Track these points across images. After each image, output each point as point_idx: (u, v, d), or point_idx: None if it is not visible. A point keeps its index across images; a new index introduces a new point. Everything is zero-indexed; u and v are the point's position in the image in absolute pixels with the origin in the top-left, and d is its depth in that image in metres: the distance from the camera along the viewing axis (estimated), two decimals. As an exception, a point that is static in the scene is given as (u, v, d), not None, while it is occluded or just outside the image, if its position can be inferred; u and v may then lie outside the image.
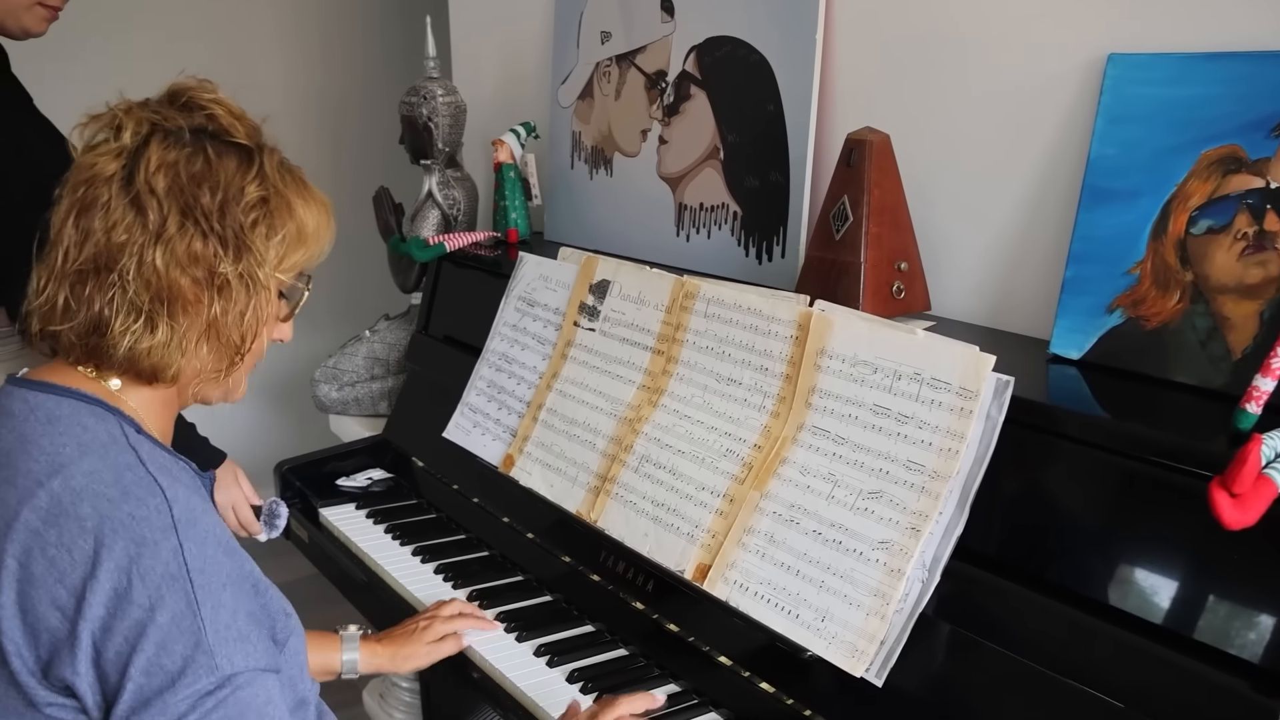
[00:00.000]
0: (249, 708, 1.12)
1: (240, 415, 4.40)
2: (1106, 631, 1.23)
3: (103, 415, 1.19)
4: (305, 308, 1.39)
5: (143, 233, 1.17)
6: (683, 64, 2.12)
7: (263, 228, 1.22)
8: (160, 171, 1.18)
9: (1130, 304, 1.46)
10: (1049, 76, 1.60)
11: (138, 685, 1.07)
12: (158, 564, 1.09)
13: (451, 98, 2.52)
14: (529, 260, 2.09)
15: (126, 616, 1.08)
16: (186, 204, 1.18)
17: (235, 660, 1.11)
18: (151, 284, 1.17)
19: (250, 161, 1.23)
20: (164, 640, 1.08)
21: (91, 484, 1.12)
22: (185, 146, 1.20)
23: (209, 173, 1.20)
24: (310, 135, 4.36)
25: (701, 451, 1.64)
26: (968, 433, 1.36)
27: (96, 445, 1.15)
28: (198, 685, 1.08)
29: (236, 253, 1.20)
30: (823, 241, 1.70)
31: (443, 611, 1.74)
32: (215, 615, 1.10)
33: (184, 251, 1.18)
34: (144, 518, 1.11)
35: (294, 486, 2.29)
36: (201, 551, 1.12)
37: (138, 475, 1.14)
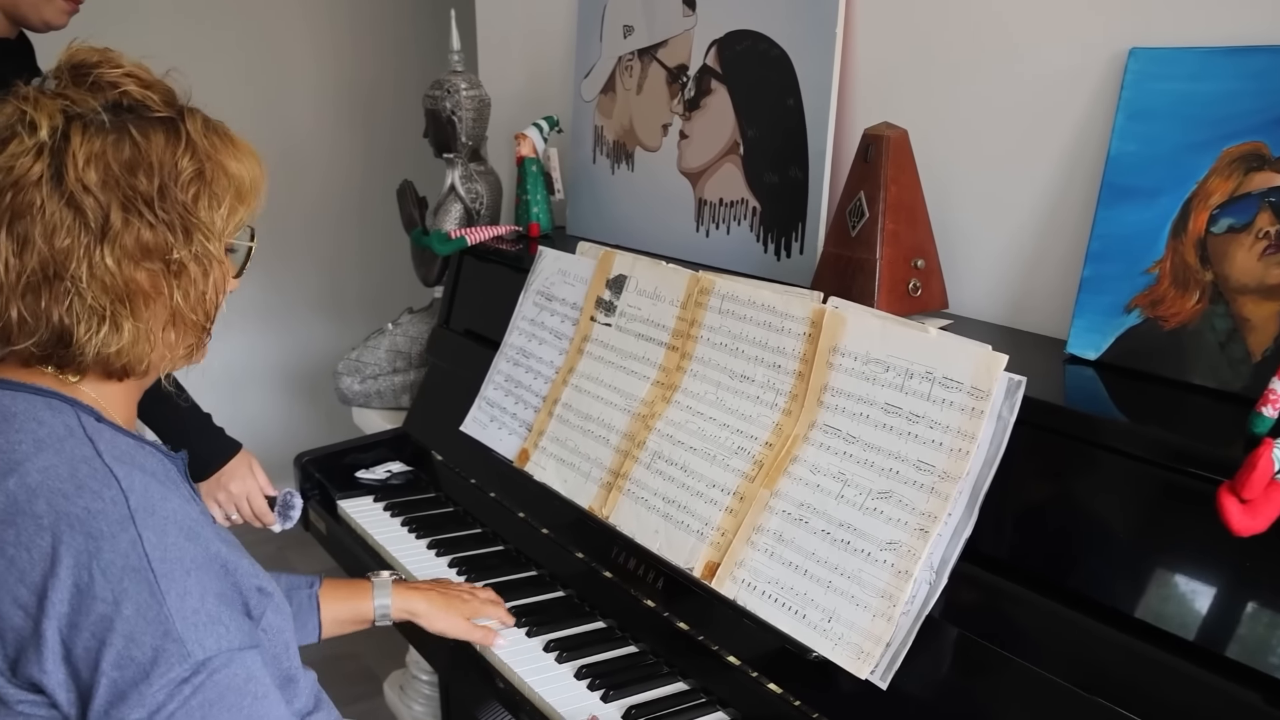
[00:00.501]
0: (229, 689, 1.12)
1: (267, 406, 4.43)
2: (1116, 639, 1.20)
3: (59, 408, 1.17)
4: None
5: (86, 233, 1.13)
6: (704, 58, 2.11)
7: (205, 199, 1.20)
8: (90, 164, 1.13)
9: (1149, 304, 1.43)
10: (1069, 71, 1.58)
11: (110, 680, 1.07)
12: (117, 557, 1.08)
13: (475, 91, 2.52)
14: (548, 255, 2.08)
15: (91, 612, 1.07)
16: (125, 195, 1.14)
17: (207, 644, 1.10)
18: (108, 285, 1.14)
19: (177, 133, 1.19)
20: (131, 632, 1.07)
21: (46, 480, 1.11)
22: (108, 132, 1.15)
23: (139, 156, 1.16)
24: (341, 128, 4.38)
25: (713, 449, 1.63)
26: (978, 433, 1.34)
27: (52, 440, 1.14)
28: (172, 674, 1.08)
29: (186, 234, 1.18)
30: (839, 238, 1.68)
31: (480, 594, 1.73)
32: (182, 602, 1.10)
33: (134, 245, 1.15)
34: (100, 511, 1.09)
35: (313, 478, 2.30)
36: (161, 540, 1.11)
37: (93, 468, 1.12)
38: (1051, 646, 1.25)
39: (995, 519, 1.35)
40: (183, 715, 1.09)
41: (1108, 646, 1.21)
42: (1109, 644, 1.21)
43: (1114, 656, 1.20)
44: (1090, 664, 1.21)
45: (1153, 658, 1.17)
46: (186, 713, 1.09)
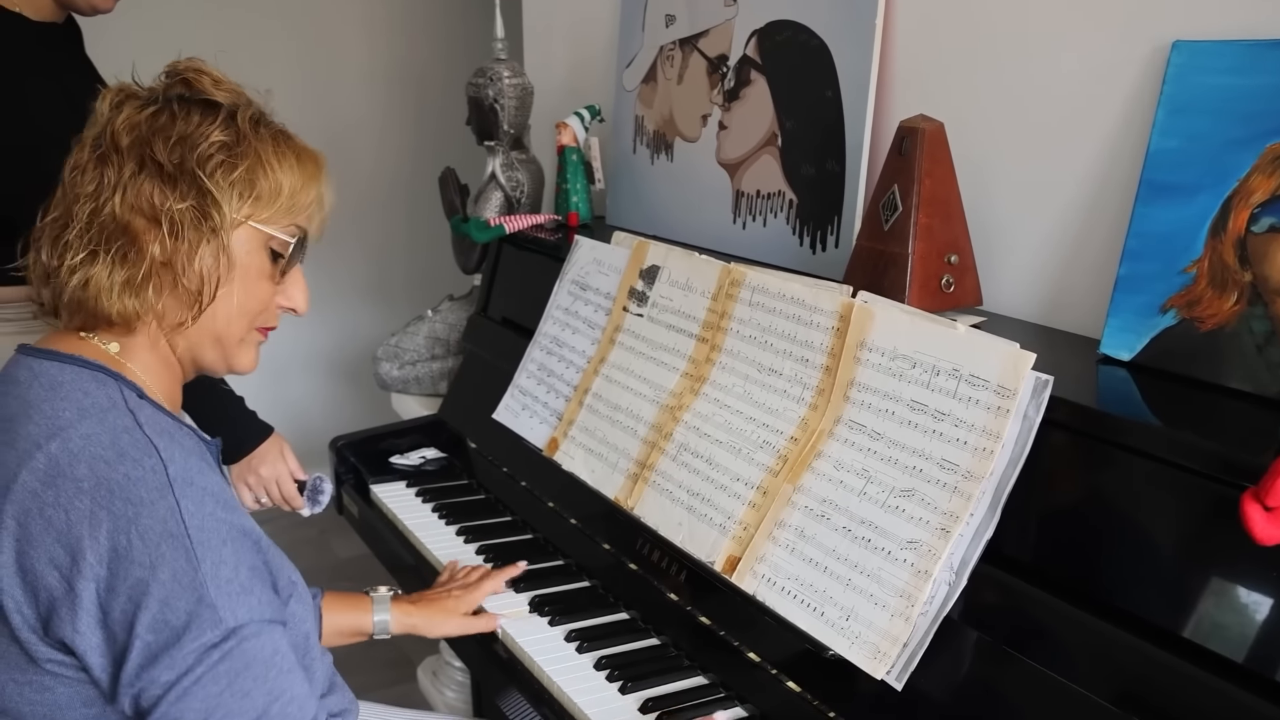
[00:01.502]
0: (255, 659, 1.14)
1: (312, 391, 4.46)
2: (1140, 648, 1.17)
3: (104, 381, 1.21)
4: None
5: (102, 184, 1.20)
6: (744, 48, 2.09)
7: (223, 169, 1.22)
8: (125, 129, 1.21)
9: (1185, 304, 1.40)
10: (1111, 64, 1.54)
11: (145, 642, 1.10)
12: (155, 523, 1.11)
13: (518, 80, 2.51)
14: (583, 244, 2.07)
15: (129, 576, 1.10)
16: (143, 154, 1.21)
17: (239, 613, 1.13)
18: (105, 225, 1.20)
19: (216, 113, 1.25)
20: (167, 597, 1.10)
21: (88, 446, 1.14)
22: (153, 106, 1.23)
23: (170, 125, 1.22)
24: (390, 115, 4.39)
25: (739, 442, 1.61)
26: (1004, 432, 1.31)
27: (95, 409, 1.17)
28: (203, 638, 1.11)
29: (187, 192, 1.21)
30: (872, 232, 1.65)
31: (471, 578, 1.78)
32: (216, 570, 1.12)
33: (134, 193, 1.20)
34: (139, 478, 1.12)
35: (348, 462, 2.30)
36: (199, 509, 1.14)
37: (134, 437, 1.15)
38: (1073, 654, 1.22)
39: (1020, 521, 1.32)
40: (209, 679, 1.12)
41: (1131, 655, 1.18)
42: (1133, 653, 1.18)
43: (1136, 665, 1.17)
44: (1112, 673, 1.19)
45: (1178, 669, 1.14)
46: (213, 677, 1.12)
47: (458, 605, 1.71)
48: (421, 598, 1.73)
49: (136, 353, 1.26)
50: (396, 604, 1.71)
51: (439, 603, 1.71)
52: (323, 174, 1.34)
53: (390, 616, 1.69)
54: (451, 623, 1.70)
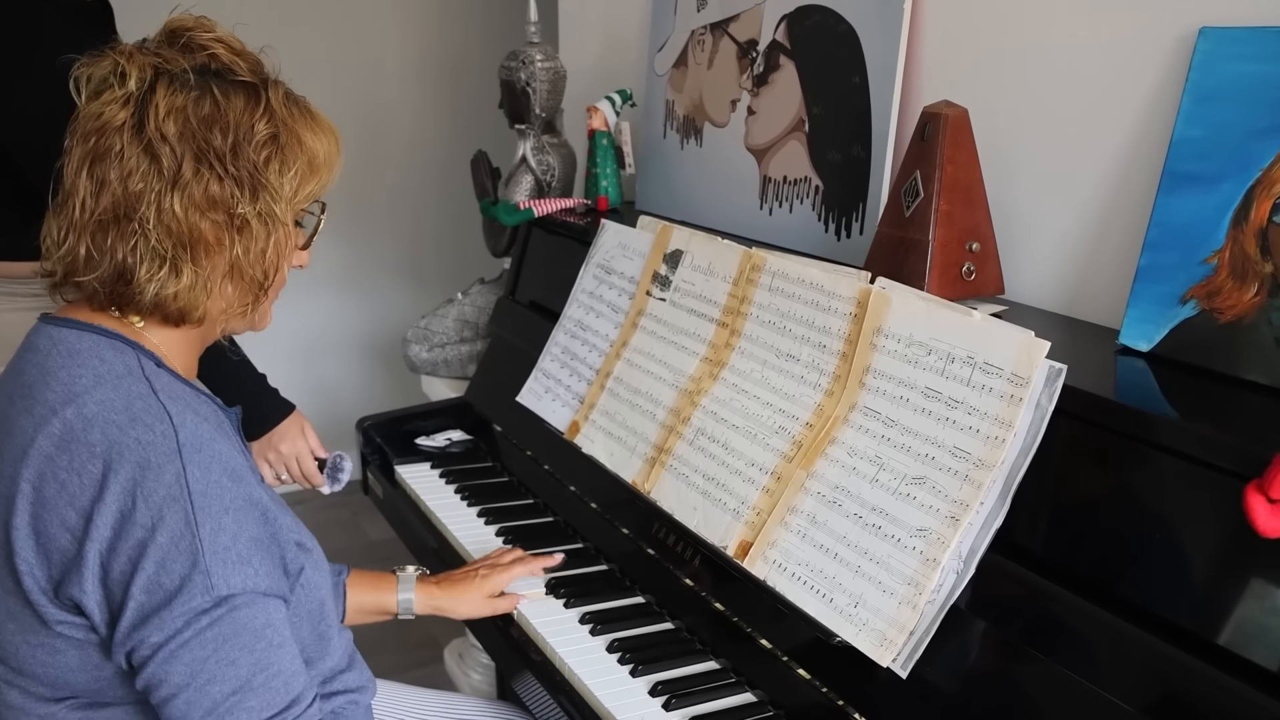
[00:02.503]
0: (245, 628, 1.15)
1: (344, 372, 4.49)
2: (1145, 640, 1.16)
3: (121, 349, 1.22)
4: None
5: (159, 180, 1.18)
6: (773, 33, 2.08)
7: (276, 163, 1.24)
8: (170, 117, 1.19)
9: (1205, 295, 1.38)
10: (1138, 50, 1.52)
11: (138, 603, 1.12)
12: (160, 486, 1.12)
13: (550, 63, 2.51)
14: (609, 228, 2.07)
15: (130, 537, 1.12)
16: (199, 148, 1.19)
17: (232, 581, 1.14)
18: (173, 230, 1.19)
19: (257, 98, 1.24)
20: (163, 559, 1.12)
21: (103, 411, 1.15)
22: (191, 89, 1.21)
23: (218, 114, 1.21)
24: (426, 97, 4.40)
25: (755, 427, 1.61)
26: (1016, 421, 1.30)
27: (112, 376, 1.19)
28: (193, 603, 1.12)
29: (253, 192, 1.22)
30: (893, 218, 1.64)
31: (502, 559, 1.75)
32: (214, 538, 1.14)
33: (201, 195, 1.20)
34: (150, 442, 1.14)
35: (374, 443, 2.32)
36: (205, 476, 1.15)
37: (147, 404, 1.17)
38: (1081, 647, 1.21)
39: (1030, 511, 1.31)
40: (196, 644, 1.13)
41: (1140, 649, 1.16)
42: (1141, 647, 1.16)
43: (1145, 659, 1.15)
44: (1119, 666, 1.17)
45: (1185, 663, 1.12)
46: (200, 643, 1.13)
47: (483, 585, 1.70)
48: (448, 578, 1.73)
49: (158, 326, 1.27)
50: (422, 584, 1.70)
51: (464, 582, 1.71)
52: (340, 143, 1.34)
53: (415, 596, 1.69)
54: (475, 603, 1.69)
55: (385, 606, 1.69)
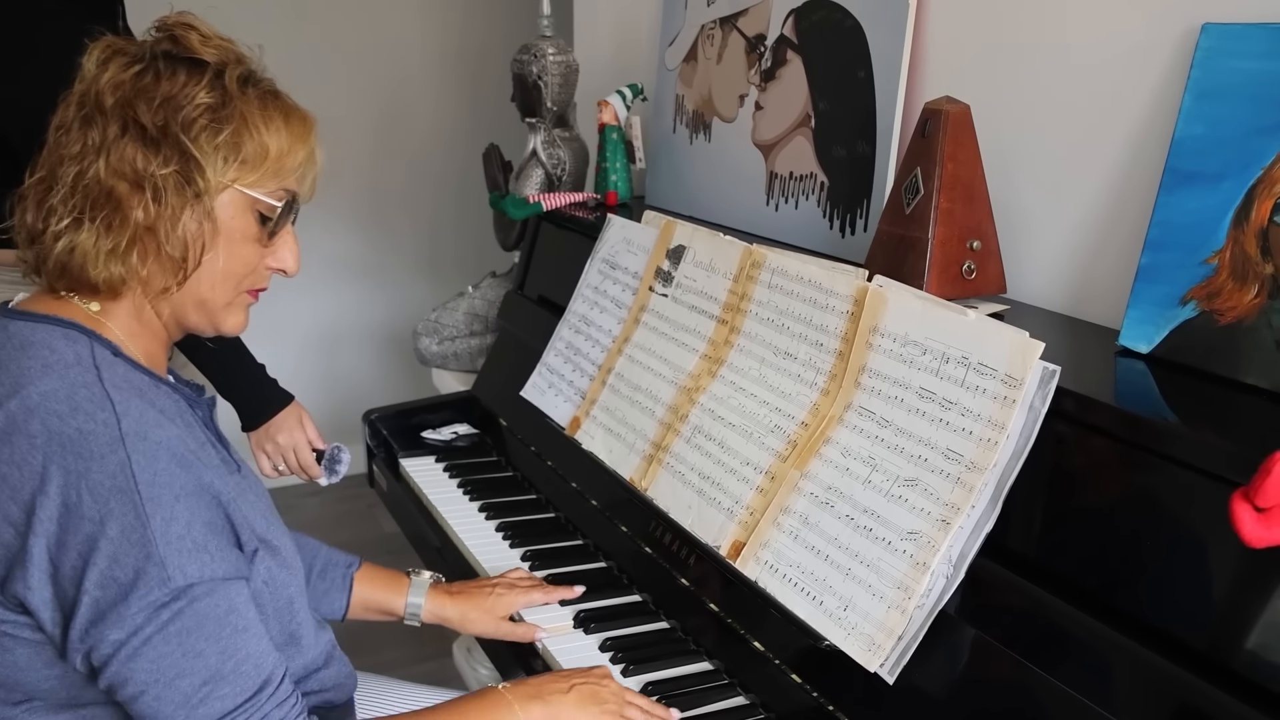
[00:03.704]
0: (208, 618, 1.14)
1: (359, 363, 4.50)
2: (1135, 650, 1.13)
3: (75, 338, 1.20)
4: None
5: (86, 145, 1.18)
6: (781, 28, 2.06)
7: (208, 133, 1.20)
8: (109, 89, 1.19)
9: (1205, 296, 1.35)
10: (1142, 47, 1.50)
11: (93, 598, 1.10)
12: (105, 477, 1.10)
13: (562, 57, 2.50)
14: (615, 222, 2.06)
15: (78, 531, 1.10)
16: (126, 116, 1.18)
17: (189, 571, 1.12)
18: (89, 189, 1.18)
19: (202, 73, 1.22)
20: (115, 553, 1.09)
21: (44, 402, 1.13)
22: (139, 64, 1.21)
23: (154, 85, 1.20)
24: (445, 90, 4.39)
25: (751, 426, 1.59)
26: (1009, 423, 1.28)
27: (59, 365, 1.16)
28: (151, 596, 1.10)
29: (171, 156, 1.19)
30: (893, 215, 1.62)
31: (522, 581, 1.70)
32: (166, 527, 1.11)
33: (118, 157, 1.18)
34: (91, 432, 1.11)
35: (380, 435, 2.32)
36: (151, 465, 1.12)
37: (91, 392, 1.14)
38: (1070, 654, 1.19)
39: (1023, 516, 1.29)
40: (159, 640, 1.11)
41: (1129, 658, 1.14)
42: (1130, 655, 1.14)
43: (1133, 668, 1.14)
44: (1107, 675, 1.15)
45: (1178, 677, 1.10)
46: (164, 638, 1.12)
47: (496, 605, 1.65)
48: (462, 590, 1.68)
49: (117, 313, 1.25)
50: (434, 592, 1.67)
51: (477, 598, 1.66)
52: (313, 134, 1.30)
53: (423, 602, 1.65)
54: (486, 623, 1.64)
55: (392, 608, 1.66)
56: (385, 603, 1.66)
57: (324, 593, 1.62)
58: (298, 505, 3.98)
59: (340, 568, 1.64)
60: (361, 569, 1.67)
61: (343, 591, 1.63)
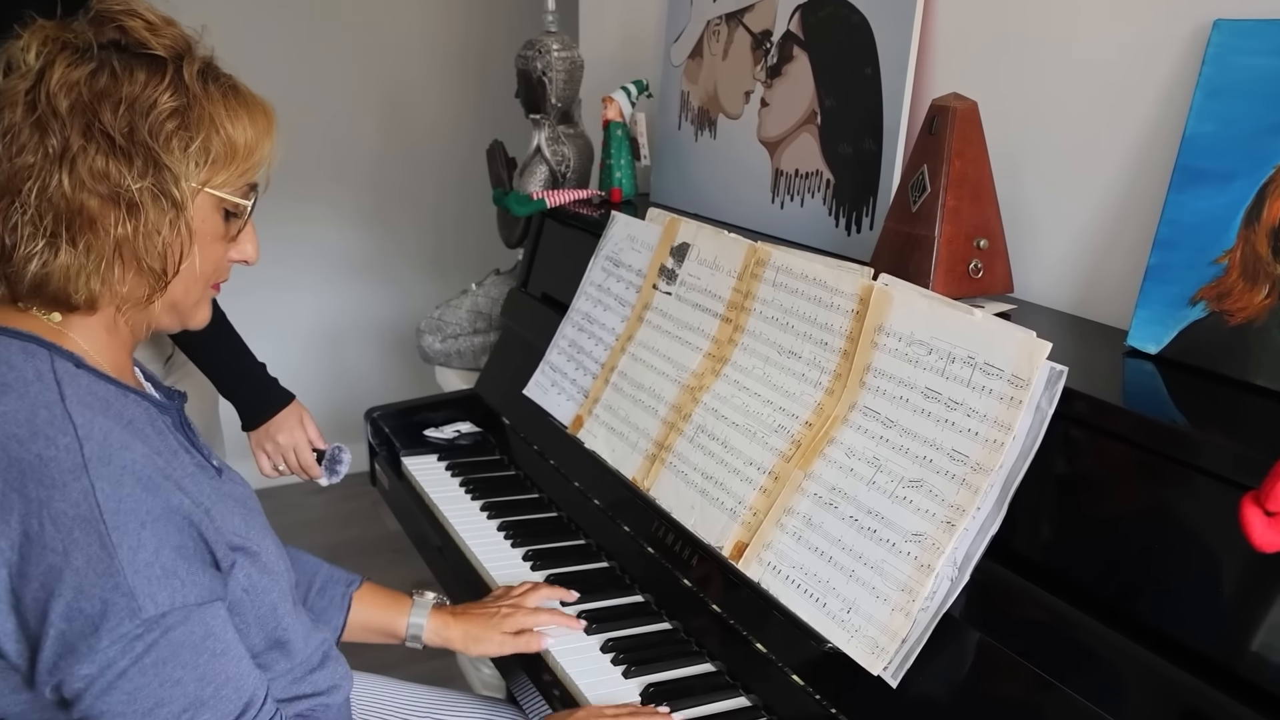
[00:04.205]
0: (183, 645, 1.10)
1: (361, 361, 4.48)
2: (1141, 655, 1.12)
3: (34, 352, 1.15)
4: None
5: (47, 156, 1.12)
6: (787, 24, 2.04)
7: (178, 140, 1.15)
8: (63, 91, 1.12)
9: (1215, 297, 1.34)
10: (1153, 43, 1.48)
11: (59, 631, 1.06)
12: (68, 506, 1.06)
13: (567, 53, 2.48)
14: (619, 219, 2.05)
15: (40, 561, 1.05)
16: (88, 122, 1.12)
17: (160, 599, 1.08)
18: (56, 206, 1.12)
19: (163, 72, 1.16)
20: (80, 584, 1.06)
21: (3, 425, 1.09)
22: (91, 63, 1.14)
23: (114, 88, 1.13)
24: (448, 86, 4.38)
25: (755, 425, 1.58)
26: (1015, 424, 1.26)
27: (19, 384, 1.12)
28: (122, 629, 1.07)
29: (145, 168, 1.13)
30: (899, 213, 1.60)
31: (527, 601, 1.65)
32: (134, 555, 1.07)
33: (87, 171, 1.12)
34: (52, 458, 1.07)
35: (382, 434, 2.30)
36: (116, 491, 1.08)
37: (52, 414, 1.10)
38: (1076, 660, 1.17)
39: (1030, 518, 1.27)
40: (135, 672, 1.08)
41: (1134, 663, 1.12)
42: (1135, 661, 1.12)
43: (1139, 674, 1.12)
44: (1114, 681, 1.14)
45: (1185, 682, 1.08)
46: (139, 670, 1.08)
47: (503, 624, 1.60)
48: (465, 612, 1.64)
49: (81, 323, 1.20)
50: (437, 612, 1.63)
51: (482, 619, 1.62)
52: (274, 127, 1.25)
53: (426, 623, 1.61)
54: (492, 640, 1.59)
55: (393, 628, 1.62)
56: (386, 623, 1.62)
57: (321, 611, 1.59)
58: (301, 504, 3.97)
59: (340, 586, 1.61)
60: (362, 588, 1.63)
61: (340, 611, 1.59)
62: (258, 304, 1.33)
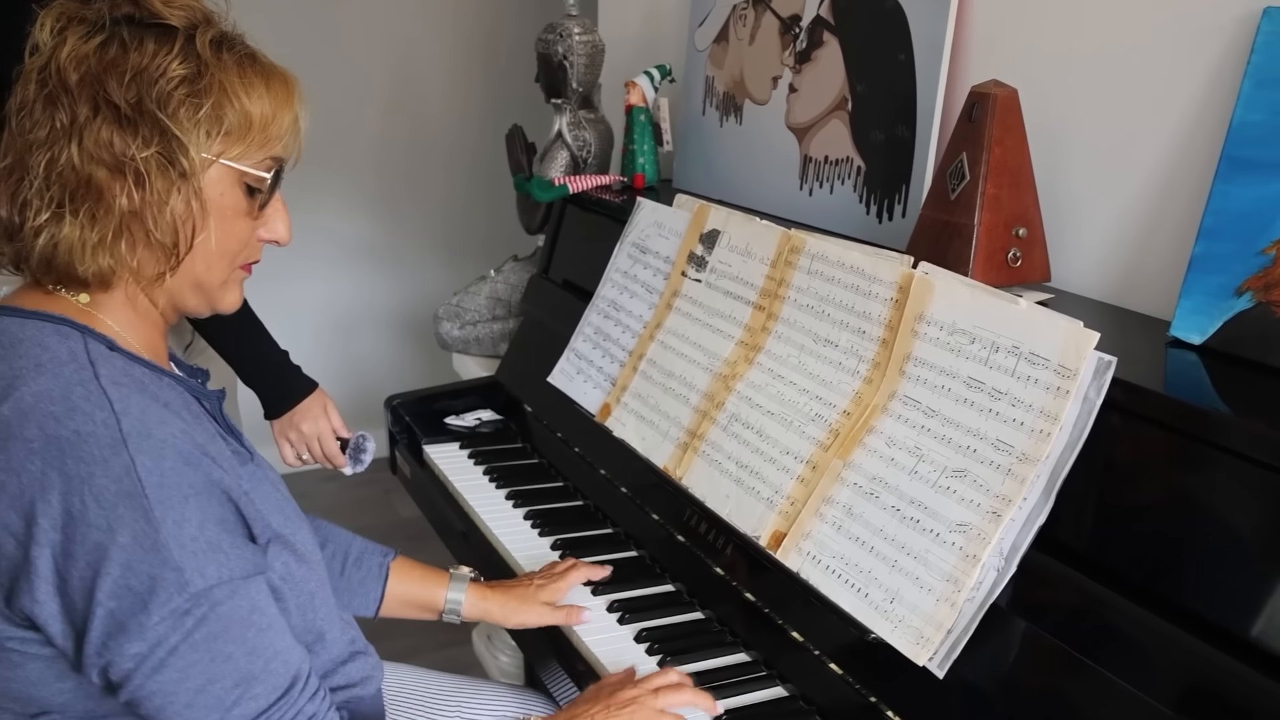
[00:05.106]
0: (233, 620, 1.09)
1: (376, 348, 4.47)
2: (1192, 646, 1.11)
3: (67, 333, 1.13)
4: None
5: (55, 128, 1.10)
6: (817, 8, 2.02)
7: (187, 108, 1.12)
8: (71, 64, 1.11)
9: (1262, 287, 1.32)
10: (1197, 31, 1.46)
11: (107, 610, 1.04)
12: (110, 482, 1.04)
13: (589, 37, 2.46)
14: (645, 206, 2.03)
15: (86, 540, 1.04)
16: (95, 94, 1.10)
17: (208, 573, 1.07)
18: (66, 178, 1.11)
19: (172, 41, 1.13)
20: (128, 561, 1.04)
21: (39, 403, 1.07)
22: (101, 34, 1.12)
23: (122, 58, 1.11)
24: (460, 70, 4.35)
25: (791, 414, 1.57)
26: (1062, 414, 1.25)
27: (52, 364, 1.10)
28: (171, 604, 1.05)
29: (151, 136, 1.11)
30: (937, 201, 1.59)
31: (557, 568, 1.66)
32: (179, 529, 1.06)
33: (94, 143, 1.10)
34: (90, 434, 1.05)
35: (402, 421, 2.29)
36: (157, 465, 1.07)
37: (87, 390, 1.08)
38: (1127, 651, 1.16)
39: (1076, 508, 1.26)
40: (186, 648, 1.06)
41: (1187, 655, 1.12)
42: (1189, 653, 1.12)
43: (1192, 665, 1.11)
44: (1167, 672, 1.13)
45: (1234, 670, 1.08)
46: (190, 646, 1.07)
47: (540, 594, 1.61)
48: (501, 585, 1.64)
49: (109, 304, 1.18)
50: (474, 587, 1.62)
51: (519, 589, 1.62)
52: (295, 96, 1.22)
53: (464, 597, 1.61)
54: (530, 611, 1.59)
55: (431, 602, 1.61)
56: (424, 596, 1.61)
57: (359, 583, 1.58)
58: (313, 491, 3.95)
59: (376, 556, 1.60)
60: (397, 561, 1.62)
61: (378, 582, 1.59)
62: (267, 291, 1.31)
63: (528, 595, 1.61)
